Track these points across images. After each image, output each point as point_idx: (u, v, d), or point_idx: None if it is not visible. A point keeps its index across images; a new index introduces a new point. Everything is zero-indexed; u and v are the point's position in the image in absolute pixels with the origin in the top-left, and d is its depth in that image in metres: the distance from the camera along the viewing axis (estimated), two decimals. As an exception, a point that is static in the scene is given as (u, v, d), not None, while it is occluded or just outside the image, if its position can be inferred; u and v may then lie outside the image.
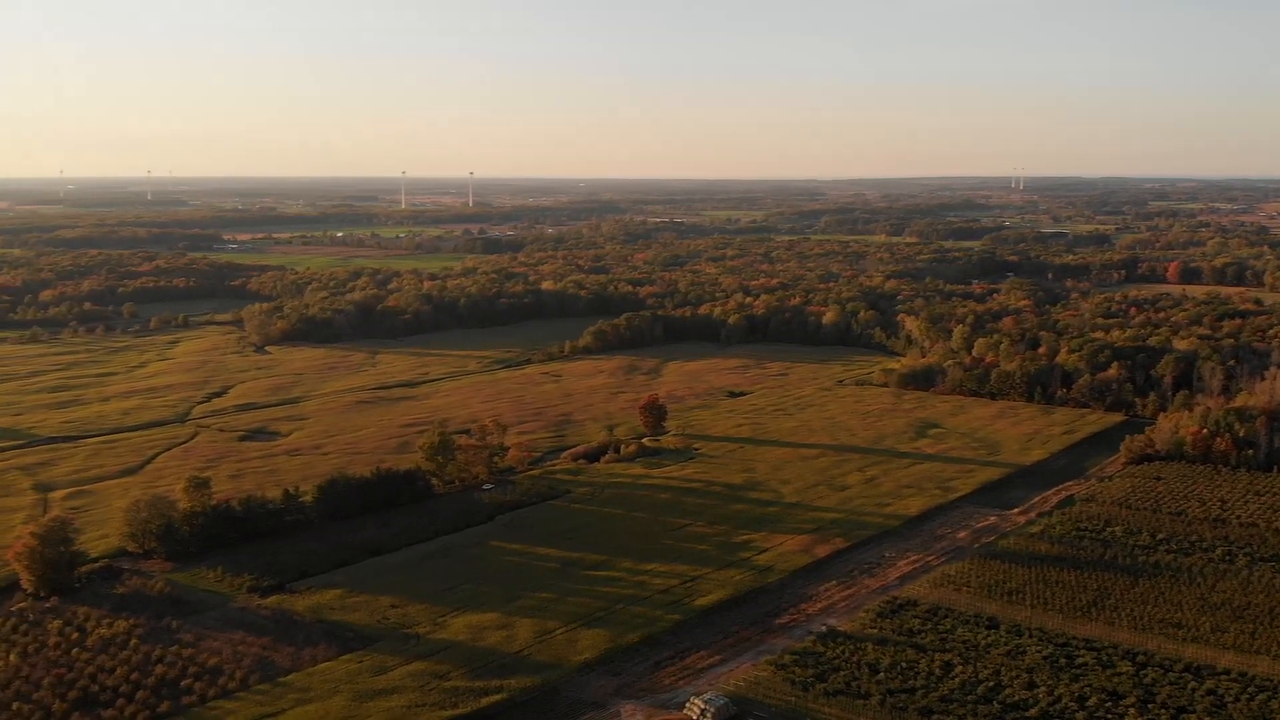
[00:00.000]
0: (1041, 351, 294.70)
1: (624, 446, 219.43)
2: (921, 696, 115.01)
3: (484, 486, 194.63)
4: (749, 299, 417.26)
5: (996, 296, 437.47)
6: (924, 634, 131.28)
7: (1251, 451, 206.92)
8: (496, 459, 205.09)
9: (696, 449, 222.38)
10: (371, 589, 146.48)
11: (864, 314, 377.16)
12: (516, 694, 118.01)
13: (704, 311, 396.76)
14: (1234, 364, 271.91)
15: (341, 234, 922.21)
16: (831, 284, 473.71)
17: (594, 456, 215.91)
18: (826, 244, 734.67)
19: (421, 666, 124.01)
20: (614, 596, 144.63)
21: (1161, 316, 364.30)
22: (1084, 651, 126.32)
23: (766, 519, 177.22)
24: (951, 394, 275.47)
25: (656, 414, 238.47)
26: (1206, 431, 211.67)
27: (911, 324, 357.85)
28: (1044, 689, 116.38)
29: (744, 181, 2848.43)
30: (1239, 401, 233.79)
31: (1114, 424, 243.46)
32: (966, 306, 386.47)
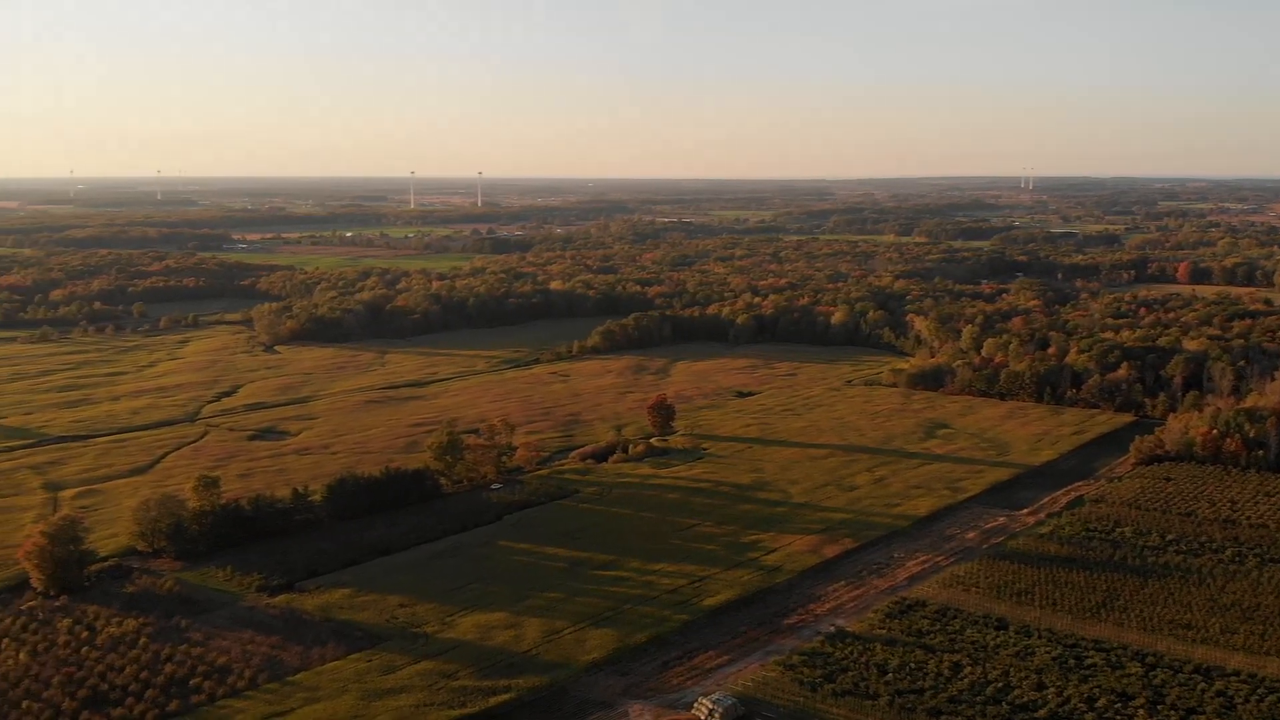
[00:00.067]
0: (1051, 352, 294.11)
1: (632, 446, 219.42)
2: (930, 697, 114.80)
3: (492, 486, 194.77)
4: (757, 299, 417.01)
5: (1006, 296, 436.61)
6: (933, 635, 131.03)
7: (1262, 452, 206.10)
8: (505, 459, 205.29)
9: (704, 449, 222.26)
10: (380, 588, 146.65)
11: (873, 314, 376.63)
12: (524, 693, 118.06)
13: (712, 311, 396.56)
14: (1244, 364, 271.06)
15: (350, 234, 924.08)
16: (840, 284, 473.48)
17: (602, 456, 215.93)
18: (835, 244, 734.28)
19: (430, 666, 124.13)
20: (622, 596, 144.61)
21: (1171, 317, 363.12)
22: (1093, 652, 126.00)
23: (775, 519, 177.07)
24: (960, 394, 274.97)
25: (664, 414, 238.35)
26: (1216, 432, 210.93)
27: (920, 324, 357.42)
28: (1053, 690, 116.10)
29: (752, 181, 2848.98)
30: (1249, 402, 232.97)
31: (1123, 424, 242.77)
32: (976, 306, 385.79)
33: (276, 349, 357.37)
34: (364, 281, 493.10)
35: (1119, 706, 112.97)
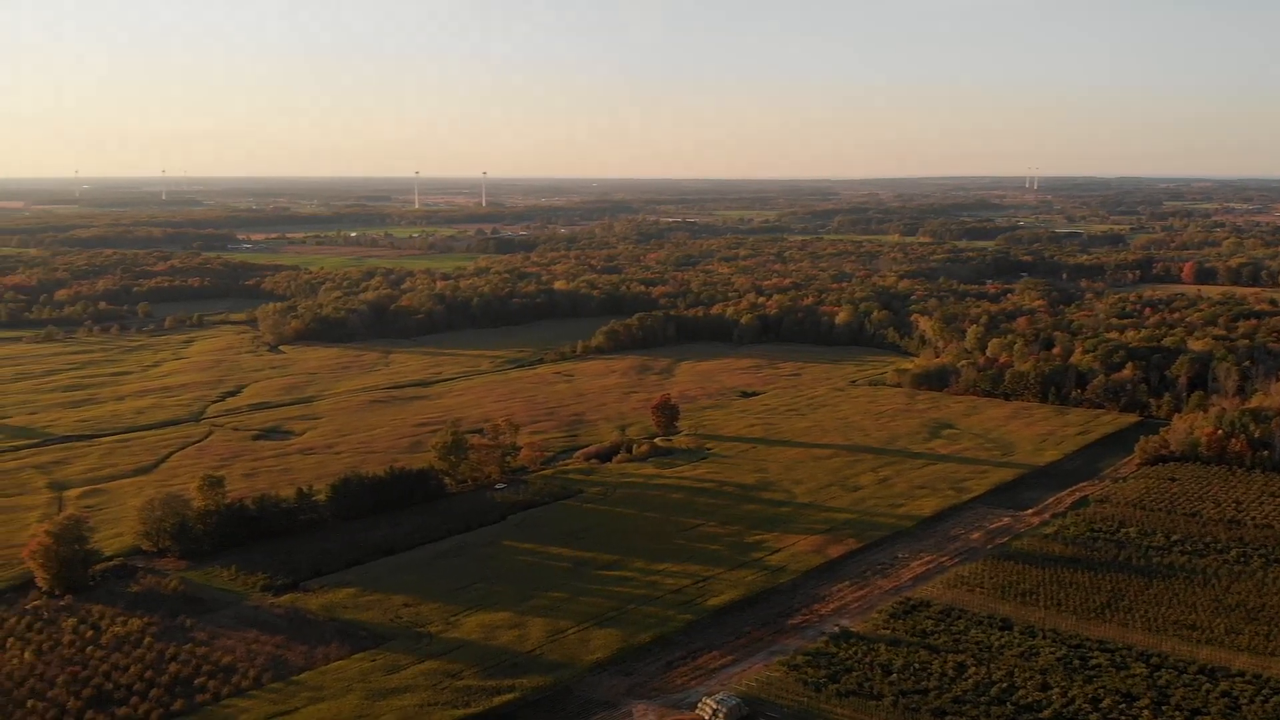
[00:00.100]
0: (1056, 352, 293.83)
1: (636, 446, 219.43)
2: (934, 698, 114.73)
3: (496, 486, 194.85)
4: (762, 299, 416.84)
5: (1010, 296, 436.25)
6: (937, 635, 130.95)
7: (1267, 453, 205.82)
8: (509, 458, 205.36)
9: (709, 449, 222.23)
10: (384, 588, 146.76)
11: (877, 314, 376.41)
12: (529, 693, 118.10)
13: (716, 311, 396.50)
14: (1249, 365, 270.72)
15: (355, 234, 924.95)
16: (845, 284, 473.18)
17: (606, 456, 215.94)
18: (840, 244, 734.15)
19: (434, 665, 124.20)
20: (626, 596, 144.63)
21: (1176, 317, 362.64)
22: (1098, 653, 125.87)
23: (779, 519, 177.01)
24: (965, 394, 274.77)
25: (669, 414, 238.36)
26: (1221, 432, 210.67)
27: (925, 324, 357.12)
28: (1058, 690, 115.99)
29: (757, 181, 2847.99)
30: (1254, 402, 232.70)
31: (1128, 425, 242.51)
32: (980, 306, 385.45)
33: (281, 349, 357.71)
34: (368, 281, 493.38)
35: (1124, 707, 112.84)
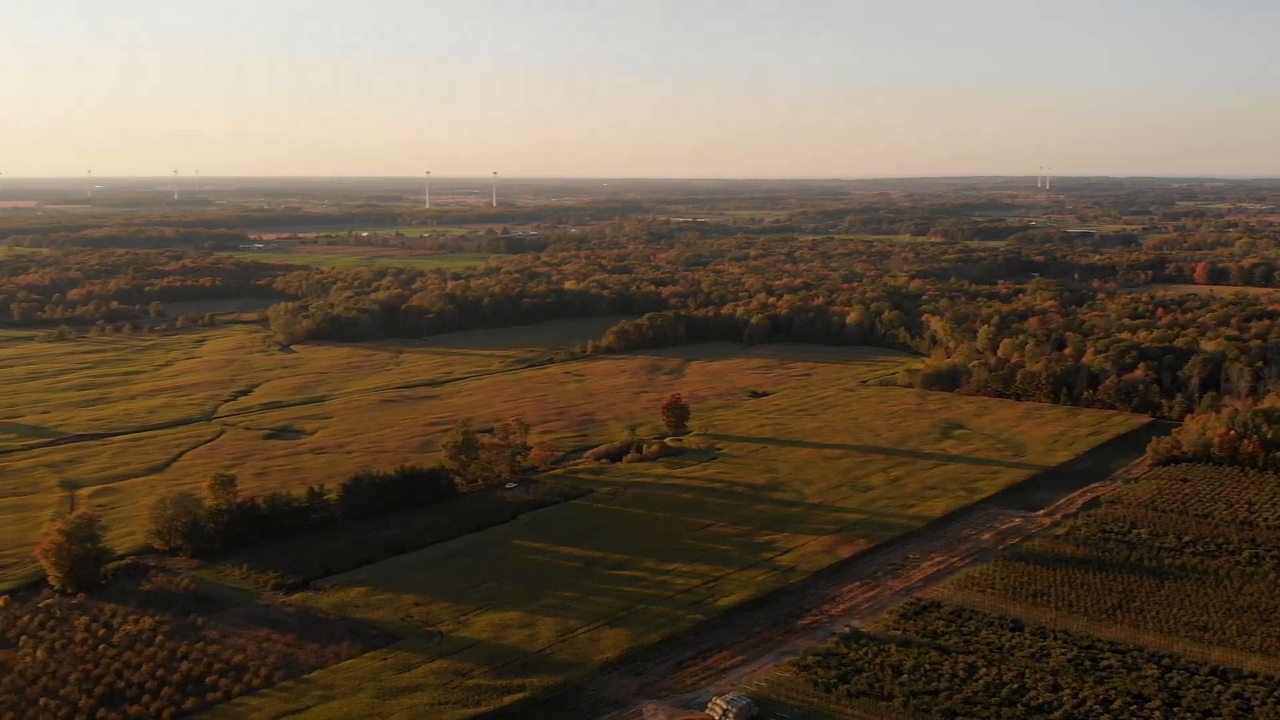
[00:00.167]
0: (1067, 352, 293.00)
1: (646, 446, 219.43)
2: (945, 698, 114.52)
3: (507, 485, 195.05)
4: (772, 299, 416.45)
5: (1022, 297, 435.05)
6: (948, 636, 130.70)
7: (1279, 454, 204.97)
8: (519, 458, 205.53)
9: (719, 449, 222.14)
10: (395, 587, 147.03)
11: (888, 314, 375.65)
12: (539, 693, 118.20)
13: (727, 311, 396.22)
14: (1262, 365, 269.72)
15: (366, 234, 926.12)
16: (855, 284, 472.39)
17: (616, 456, 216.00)
18: (850, 244, 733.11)
19: (444, 664, 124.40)
20: (636, 596, 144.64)
21: (1189, 317, 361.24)
22: (1109, 654, 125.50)
23: (789, 519, 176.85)
24: (976, 395, 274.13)
25: (679, 414, 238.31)
26: (1234, 433, 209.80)
27: (936, 324, 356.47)
28: (1069, 692, 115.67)
29: (767, 181, 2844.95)
30: (1267, 403, 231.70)
31: (1140, 425, 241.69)
32: (992, 307, 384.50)
33: (292, 348, 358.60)
34: (379, 281, 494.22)
35: (1135, 708, 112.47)
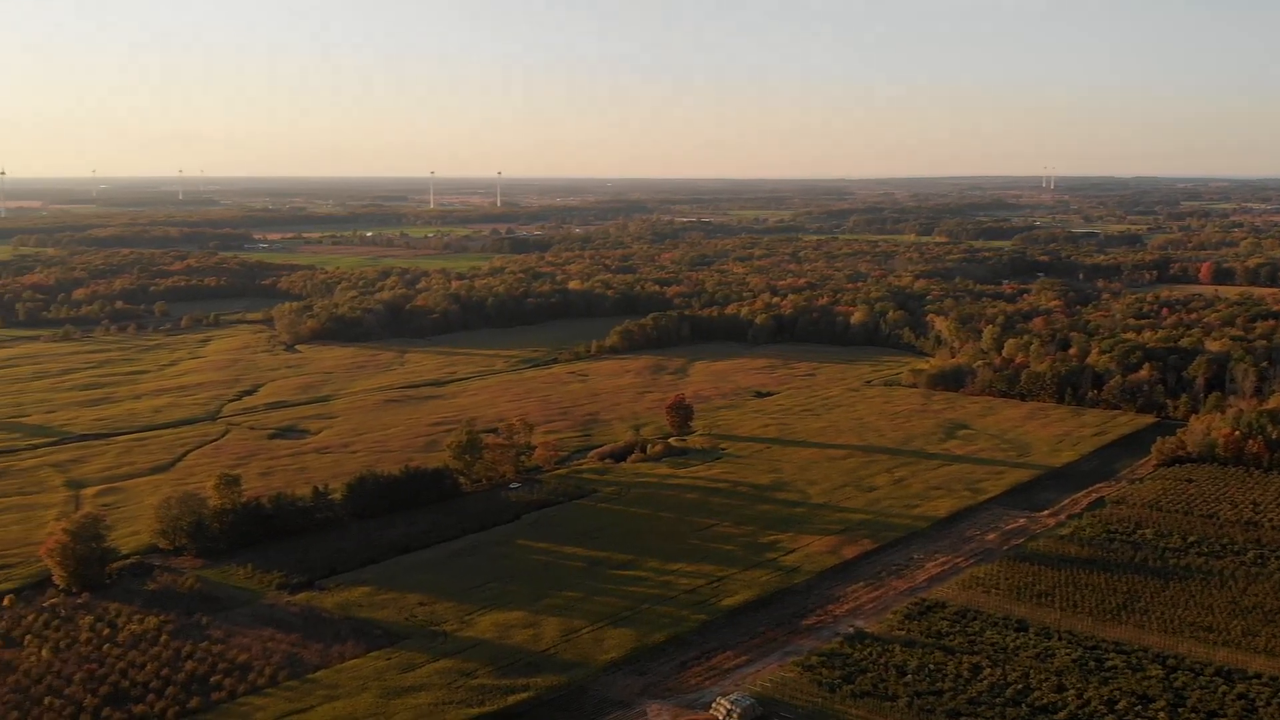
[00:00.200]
0: (1072, 352, 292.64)
1: (650, 446, 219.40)
2: (949, 699, 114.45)
3: (511, 485, 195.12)
4: (776, 299, 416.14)
5: (1027, 297, 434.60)
6: (952, 636, 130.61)
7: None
8: (523, 458, 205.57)
9: (723, 449, 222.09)
10: (399, 586, 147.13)
11: (892, 314, 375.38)
12: (543, 692, 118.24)
13: (731, 311, 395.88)
14: (1267, 365, 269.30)
15: (371, 234, 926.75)
16: (860, 284, 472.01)
17: (620, 456, 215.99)
18: (855, 244, 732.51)
19: (448, 664, 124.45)
20: (640, 596, 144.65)
21: (1194, 317, 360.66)
22: (1113, 654, 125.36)
23: (793, 520, 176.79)
24: (981, 395, 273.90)
25: (683, 414, 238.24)
26: (1239, 433, 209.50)
27: (941, 324, 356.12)
28: (1073, 692, 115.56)
29: (771, 181, 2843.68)
30: (1272, 403, 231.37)
31: (1145, 426, 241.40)
32: (996, 307, 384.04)
33: (297, 348, 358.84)
34: (384, 281, 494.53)
35: (1139, 709, 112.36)
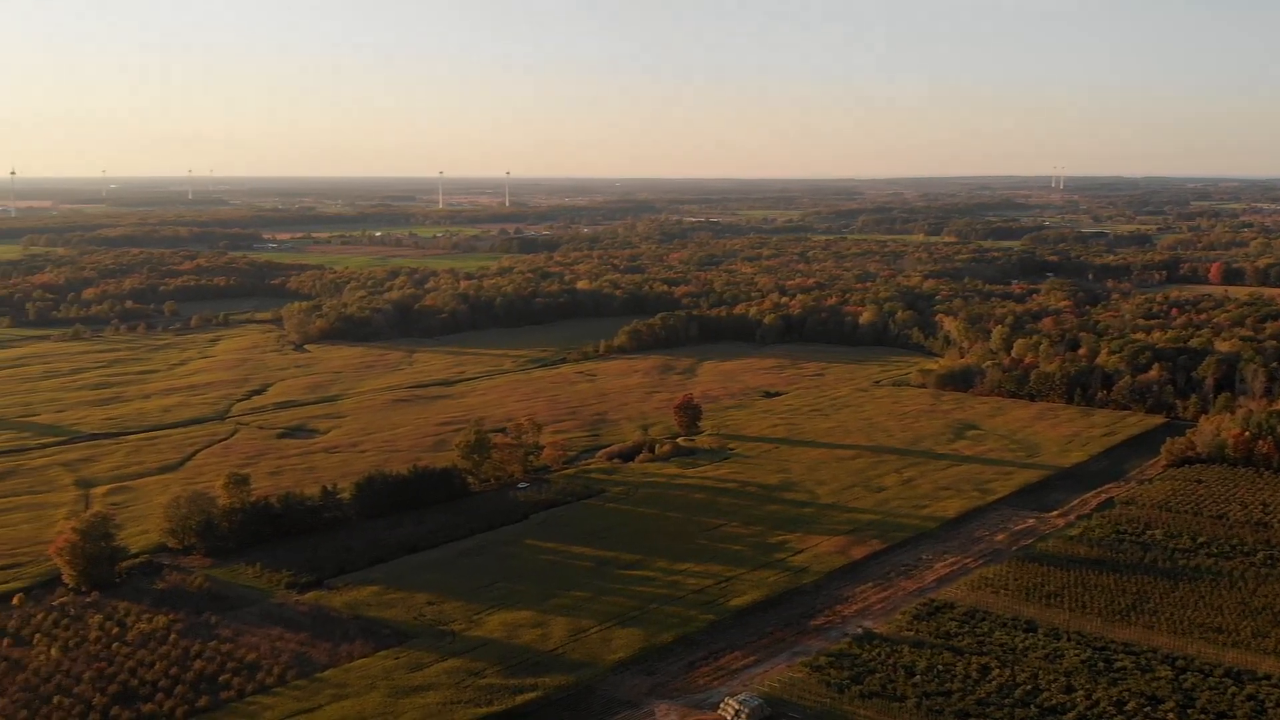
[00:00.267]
0: (1081, 353, 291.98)
1: (659, 446, 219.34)
2: (958, 699, 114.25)
3: (519, 485, 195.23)
4: (785, 299, 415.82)
5: (1036, 297, 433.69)
6: (961, 637, 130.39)
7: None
8: (531, 458, 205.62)
9: (731, 449, 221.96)
10: (408, 586, 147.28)
11: (901, 314, 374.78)
12: (551, 692, 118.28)
13: (739, 311, 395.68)
14: (1276, 366, 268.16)
15: (380, 234, 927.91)
16: (868, 284, 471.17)
17: (629, 456, 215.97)
18: (864, 243, 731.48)
19: (457, 663, 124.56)
20: (648, 596, 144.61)
21: (1203, 318, 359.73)
22: (1123, 655, 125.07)
23: (802, 520, 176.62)
24: (990, 395, 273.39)
25: (691, 414, 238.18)
26: (1249, 434, 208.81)
27: (950, 324, 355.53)
28: (1082, 693, 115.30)
29: (780, 181, 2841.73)
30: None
31: (1154, 426, 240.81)
32: (1006, 307, 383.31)
33: (306, 348, 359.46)
34: (392, 281, 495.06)
35: (1148, 710, 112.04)
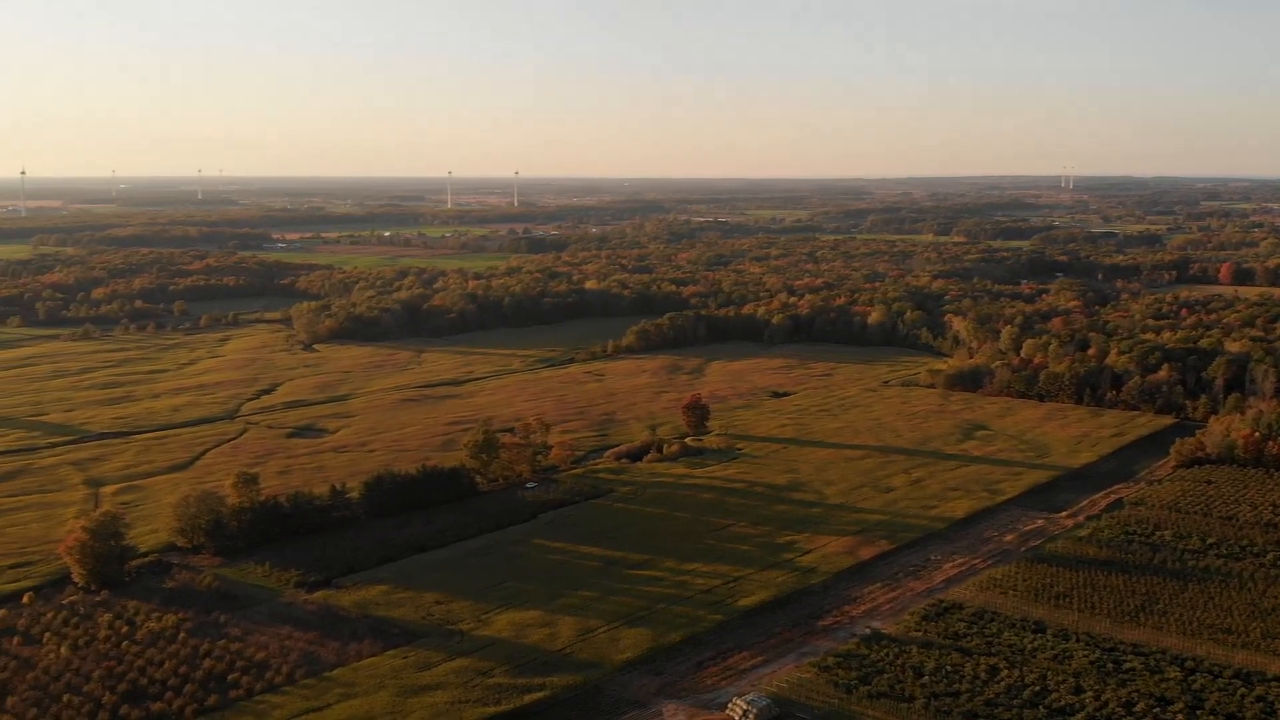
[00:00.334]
0: (1091, 353, 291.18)
1: (667, 446, 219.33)
2: (966, 700, 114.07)
3: (527, 485, 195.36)
4: (793, 299, 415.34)
5: (1045, 297, 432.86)
6: (969, 637, 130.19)
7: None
8: (540, 457, 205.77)
9: (739, 449, 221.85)
10: (416, 585, 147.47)
11: (910, 314, 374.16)
12: (559, 692, 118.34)
13: (748, 311, 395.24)
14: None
15: (388, 233, 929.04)
16: (877, 284, 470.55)
17: (637, 456, 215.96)
18: (872, 243, 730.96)
19: (465, 663, 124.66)
20: (656, 596, 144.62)
21: (1213, 318, 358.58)
22: (1131, 657, 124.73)
23: (810, 520, 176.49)
24: (999, 395, 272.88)
25: (699, 414, 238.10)
26: (1258, 435, 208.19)
27: (959, 324, 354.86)
28: (1091, 694, 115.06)
29: (789, 180, 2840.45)
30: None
31: (1164, 427, 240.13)
32: (1015, 307, 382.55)
33: (315, 347, 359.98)
34: (401, 281, 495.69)
35: (1157, 711, 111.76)
